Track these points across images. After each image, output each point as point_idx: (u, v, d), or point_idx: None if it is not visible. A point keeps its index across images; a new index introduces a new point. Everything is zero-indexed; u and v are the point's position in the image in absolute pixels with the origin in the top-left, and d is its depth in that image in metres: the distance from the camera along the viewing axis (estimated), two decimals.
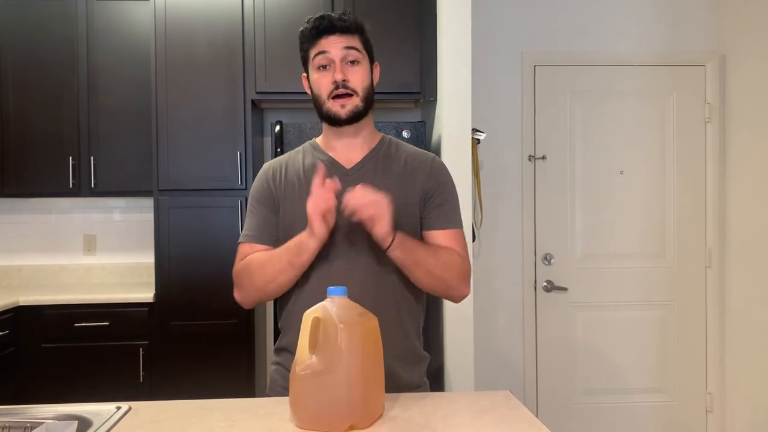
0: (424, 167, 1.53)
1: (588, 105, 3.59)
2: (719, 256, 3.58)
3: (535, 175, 3.57)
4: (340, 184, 1.35)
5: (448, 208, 1.53)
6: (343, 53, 1.44)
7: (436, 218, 1.51)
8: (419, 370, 1.54)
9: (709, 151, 3.60)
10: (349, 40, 1.45)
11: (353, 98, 1.45)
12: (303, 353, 1.18)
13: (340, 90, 1.44)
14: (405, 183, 1.50)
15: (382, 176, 1.49)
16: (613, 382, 3.58)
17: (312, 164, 1.52)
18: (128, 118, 3.37)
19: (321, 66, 1.46)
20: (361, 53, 1.47)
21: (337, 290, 1.20)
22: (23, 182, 3.35)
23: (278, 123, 3.05)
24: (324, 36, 1.45)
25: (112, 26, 3.37)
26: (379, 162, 1.52)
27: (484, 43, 3.49)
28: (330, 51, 1.44)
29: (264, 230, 1.53)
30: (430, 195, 1.51)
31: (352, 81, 1.45)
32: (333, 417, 1.16)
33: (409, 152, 1.57)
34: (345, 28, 1.45)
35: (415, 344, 1.53)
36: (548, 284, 3.56)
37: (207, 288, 3.16)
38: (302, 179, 1.51)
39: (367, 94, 1.48)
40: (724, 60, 3.58)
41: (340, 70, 1.44)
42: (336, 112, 1.46)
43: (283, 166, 1.56)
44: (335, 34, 1.45)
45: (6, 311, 2.96)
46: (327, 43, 1.45)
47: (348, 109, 1.45)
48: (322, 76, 1.46)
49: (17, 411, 1.29)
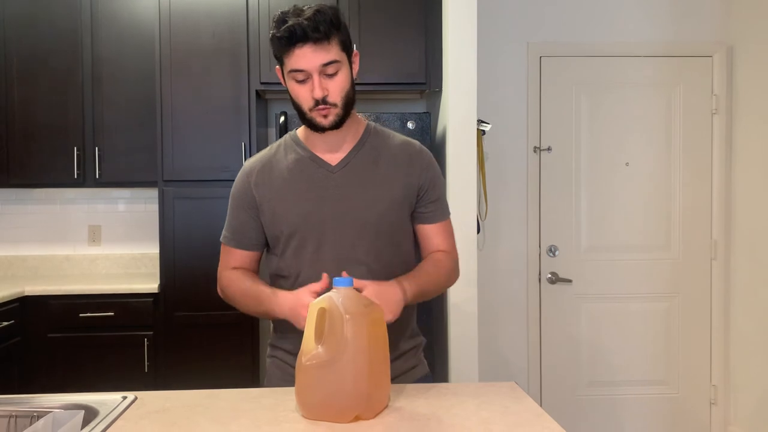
0: (415, 160, 1.51)
1: (594, 96, 3.57)
2: (725, 248, 3.57)
3: (540, 166, 3.56)
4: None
5: (440, 202, 1.55)
6: (320, 68, 1.36)
7: (431, 213, 1.53)
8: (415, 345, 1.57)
9: (716, 143, 3.58)
10: (327, 53, 1.35)
11: (334, 109, 1.40)
12: (309, 344, 1.18)
13: (320, 106, 1.38)
14: (395, 176, 1.48)
15: (370, 170, 1.47)
16: (617, 373, 3.58)
17: (295, 160, 1.49)
18: (133, 109, 3.37)
19: (298, 80, 1.38)
20: (339, 60, 1.38)
21: (343, 281, 1.21)
22: (28, 173, 3.36)
23: (283, 113, 3.05)
24: (298, 45, 1.34)
25: (117, 16, 3.36)
26: (365, 156, 1.49)
27: (490, 33, 3.47)
28: (306, 67, 1.35)
29: (243, 234, 1.53)
30: (424, 190, 1.51)
31: (332, 94, 1.38)
32: (339, 407, 1.16)
33: (395, 142, 1.53)
34: (318, 38, 1.34)
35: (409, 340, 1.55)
36: (553, 276, 3.55)
37: (212, 278, 3.12)
38: (286, 177, 1.48)
39: (348, 99, 1.42)
40: (731, 51, 3.55)
41: (319, 86, 1.36)
42: (319, 122, 1.41)
43: (265, 165, 1.51)
44: (309, 43, 1.34)
45: (11, 301, 2.97)
46: (302, 55, 1.34)
47: (330, 119, 1.40)
48: (301, 88, 1.39)
49: (24, 400, 1.30)
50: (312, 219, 1.44)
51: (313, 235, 1.45)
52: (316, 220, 1.44)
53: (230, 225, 1.55)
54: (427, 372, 1.58)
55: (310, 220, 1.45)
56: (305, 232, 1.45)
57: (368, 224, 1.45)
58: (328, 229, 1.44)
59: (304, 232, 1.45)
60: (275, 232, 1.48)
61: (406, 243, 1.54)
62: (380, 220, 1.45)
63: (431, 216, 1.53)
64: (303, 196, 1.46)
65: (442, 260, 1.52)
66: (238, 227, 1.53)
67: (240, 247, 1.54)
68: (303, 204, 1.45)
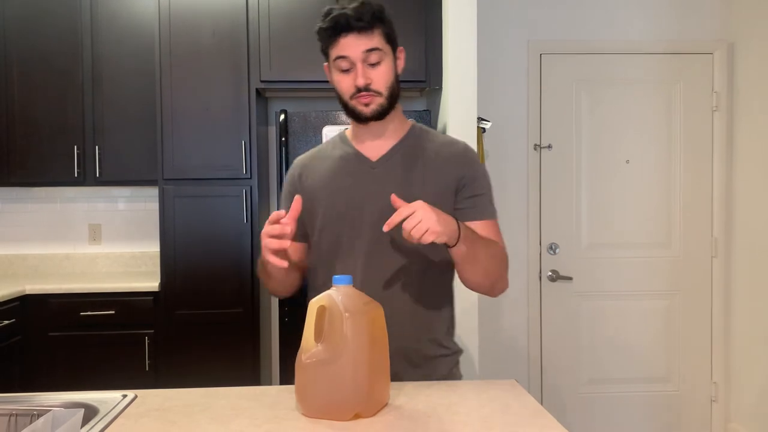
0: (457, 157, 1.50)
1: (594, 94, 3.57)
2: (725, 246, 3.57)
3: (540, 164, 3.56)
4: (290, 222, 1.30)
5: (482, 198, 1.49)
6: (363, 56, 1.38)
7: (471, 209, 1.47)
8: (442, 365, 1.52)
9: (716, 141, 3.57)
10: (370, 40, 1.38)
11: (377, 98, 1.42)
12: (309, 342, 1.18)
13: (363, 93, 1.40)
14: (436, 173, 1.47)
15: (411, 167, 1.47)
16: (617, 371, 3.58)
17: (339, 156, 1.52)
18: (133, 107, 3.36)
19: (342, 69, 1.41)
20: (383, 50, 1.41)
21: (342, 279, 1.20)
22: (29, 171, 3.35)
23: (283, 112, 3.04)
24: (342, 35, 1.38)
25: (116, 15, 3.36)
26: (406, 153, 1.49)
27: (490, 31, 3.46)
28: (350, 55, 1.38)
29: None
30: (463, 185, 1.47)
31: (375, 83, 1.40)
32: (338, 405, 1.16)
33: (439, 141, 1.53)
34: (363, 27, 1.37)
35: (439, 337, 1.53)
36: (553, 274, 3.55)
37: (212, 277, 3.16)
38: (329, 172, 1.51)
39: (392, 91, 1.44)
40: (732, 48, 3.55)
41: (362, 75, 1.39)
42: (361, 111, 1.43)
43: (311, 161, 1.57)
44: (353, 33, 1.37)
45: (12, 300, 2.97)
46: (346, 44, 1.38)
47: (372, 108, 1.42)
48: (344, 78, 1.42)
49: (24, 399, 1.30)
50: (350, 213, 1.46)
51: (348, 229, 1.46)
52: (353, 215, 1.46)
53: None
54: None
55: (347, 214, 1.46)
56: (341, 225, 1.47)
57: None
58: (363, 224, 1.45)
59: (340, 225, 1.47)
60: (314, 224, 1.50)
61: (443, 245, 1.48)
62: None
63: (470, 212, 1.47)
64: (342, 191, 1.48)
65: (494, 242, 1.45)
66: None
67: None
68: (342, 198, 1.47)
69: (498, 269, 1.45)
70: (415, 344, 1.48)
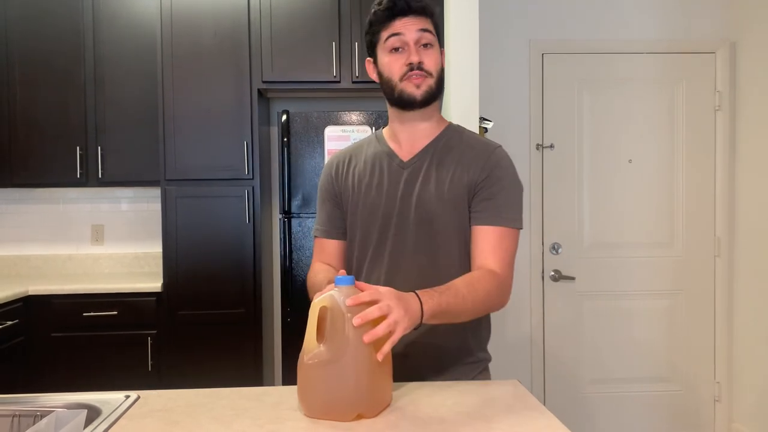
0: (480, 157, 1.44)
1: (596, 93, 3.56)
2: (728, 246, 3.56)
3: (542, 163, 3.55)
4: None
5: (496, 203, 1.41)
6: (417, 35, 1.40)
7: (481, 213, 1.41)
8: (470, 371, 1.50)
9: (719, 140, 3.57)
10: (424, 23, 1.41)
11: (428, 79, 1.41)
12: (311, 342, 1.18)
13: (416, 72, 1.40)
14: (458, 176, 1.43)
15: (438, 168, 1.45)
16: (620, 371, 3.58)
17: (374, 154, 1.52)
18: (135, 108, 3.37)
19: (394, 48, 1.41)
20: (434, 36, 1.43)
21: (344, 279, 1.20)
22: (31, 172, 3.36)
23: (285, 112, 3.05)
24: (398, 18, 1.40)
25: (118, 16, 3.36)
26: (435, 155, 1.47)
27: (492, 30, 3.46)
28: (405, 33, 1.40)
29: (331, 224, 1.56)
30: (479, 188, 1.42)
31: (427, 63, 1.41)
32: (341, 405, 1.16)
33: (470, 143, 1.49)
34: (419, 9, 1.41)
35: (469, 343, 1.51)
36: (556, 273, 3.55)
37: (215, 277, 3.17)
38: (362, 170, 1.51)
39: (440, 78, 1.44)
40: (734, 47, 3.54)
41: (416, 52, 1.40)
42: (411, 92, 1.41)
43: (347, 158, 1.56)
44: (409, 15, 1.40)
45: (15, 301, 2.98)
46: (401, 24, 1.40)
47: (423, 89, 1.41)
48: (395, 58, 1.42)
49: (27, 400, 1.30)
50: (378, 212, 1.47)
51: (377, 227, 1.46)
52: (381, 213, 1.46)
53: (319, 218, 1.58)
54: None
55: (376, 212, 1.47)
56: (371, 224, 1.47)
57: (425, 222, 1.43)
58: (391, 223, 1.45)
59: (370, 224, 1.47)
60: (353, 219, 1.51)
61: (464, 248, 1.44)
62: (437, 219, 1.42)
63: (480, 217, 1.41)
64: (374, 189, 1.48)
65: (480, 279, 1.33)
66: (326, 218, 1.56)
67: (330, 236, 1.55)
68: (373, 196, 1.48)
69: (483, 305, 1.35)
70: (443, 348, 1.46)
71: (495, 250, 1.39)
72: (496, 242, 1.40)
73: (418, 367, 1.44)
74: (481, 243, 1.40)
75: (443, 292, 1.25)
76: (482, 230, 1.41)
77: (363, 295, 1.14)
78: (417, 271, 1.43)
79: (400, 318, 1.13)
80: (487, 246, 1.40)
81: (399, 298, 1.16)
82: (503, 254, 1.40)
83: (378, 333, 1.11)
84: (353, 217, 1.51)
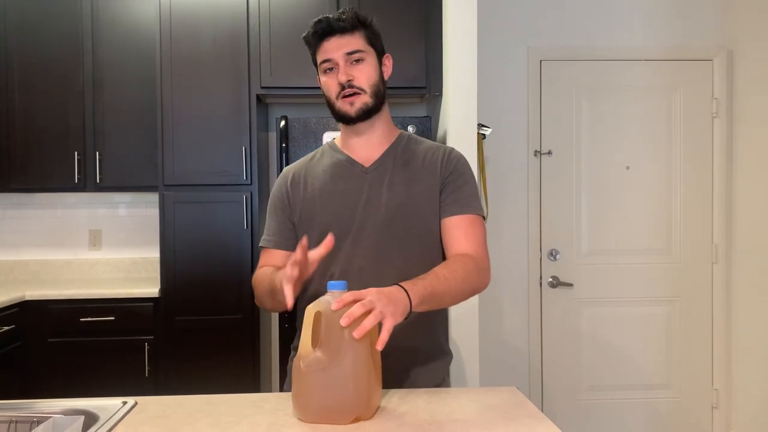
0: (441, 159, 1.52)
1: (594, 100, 3.57)
2: (725, 252, 3.57)
3: (540, 170, 3.56)
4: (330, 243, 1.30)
5: (462, 194, 1.49)
6: (345, 57, 1.45)
7: (451, 204, 1.49)
8: (443, 367, 1.55)
9: (716, 147, 3.58)
10: (350, 41, 1.45)
11: (361, 96, 1.46)
12: (306, 348, 1.18)
13: (347, 90, 1.45)
14: (424, 176, 1.50)
15: (401, 171, 1.50)
16: (618, 378, 3.58)
17: (331, 163, 1.54)
18: (133, 113, 3.37)
19: (328, 69, 1.48)
20: (364, 51, 1.46)
21: (337, 285, 1.22)
22: (29, 177, 3.36)
23: (283, 118, 3.05)
24: (325, 39, 1.46)
25: (117, 22, 3.37)
26: (397, 158, 1.53)
27: (490, 37, 3.47)
28: (332, 56, 1.45)
29: (281, 235, 1.55)
30: (446, 184, 1.50)
31: (358, 79, 1.45)
32: (340, 409, 1.16)
33: (427, 146, 1.57)
34: (344, 28, 1.45)
35: (440, 339, 1.57)
36: (554, 280, 3.55)
37: (212, 283, 3.16)
38: (321, 178, 1.53)
39: (377, 90, 1.48)
40: (731, 55, 3.56)
41: (344, 71, 1.45)
42: (345, 110, 1.47)
43: (302, 170, 1.57)
44: (335, 35, 1.45)
45: (12, 306, 2.97)
46: (329, 46, 1.46)
47: (357, 107, 1.46)
48: (329, 78, 1.48)
49: (24, 405, 1.30)
50: (344, 218, 1.47)
51: (345, 234, 1.46)
52: (348, 220, 1.47)
53: (269, 228, 1.58)
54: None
55: (342, 219, 1.47)
56: (337, 231, 1.45)
57: (397, 225, 1.46)
58: (359, 228, 1.46)
59: (337, 231, 1.45)
60: (308, 231, 1.49)
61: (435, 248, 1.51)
62: (409, 221, 1.47)
63: (451, 208, 1.48)
64: (336, 196, 1.49)
65: (460, 262, 1.41)
66: (277, 228, 1.56)
67: (279, 247, 1.55)
68: (336, 203, 1.49)
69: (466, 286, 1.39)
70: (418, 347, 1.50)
71: (468, 236, 1.47)
72: (468, 228, 1.47)
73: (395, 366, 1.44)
74: (454, 231, 1.47)
75: (425, 278, 1.30)
76: (453, 220, 1.48)
77: (345, 297, 1.16)
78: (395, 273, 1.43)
79: (384, 307, 1.15)
80: (459, 233, 1.47)
81: (380, 291, 1.18)
82: (476, 238, 1.47)
83: (366, 326, 1.13)
84: (318, 226, 1.48)
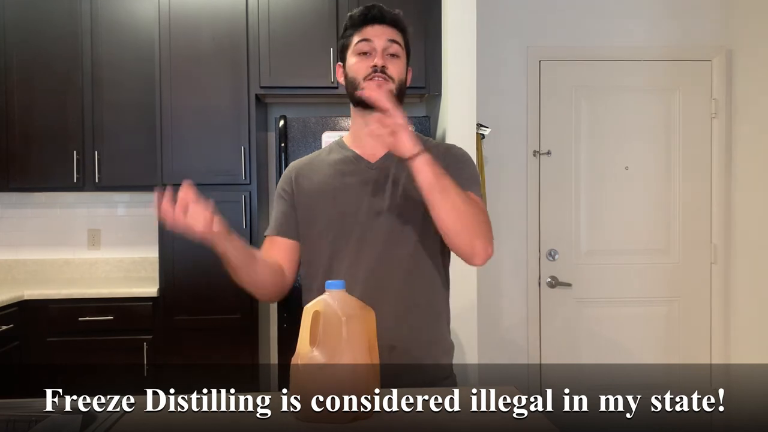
0: (444, 152, 1.54)
1: (593, 100, 3.57)
2: (724, 252, 3.57)
3: (539, 170, 3.56)
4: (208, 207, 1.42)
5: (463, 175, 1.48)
6: (386, 44, 1.47)
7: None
8: (448, 359, 1.60)
9: (715, 147, 3.58)
10: (395, 34, 1.48)
11: (389, 83, 1.47)
12: (304, 347, 1.18)
13: (379, 74, 1.46)
14: None
15: (405, 168, 1.48)
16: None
17: (337, 159, 1.55)
18: (132, 112, 3.37)
19: (362, 53, 1.48)
20: (402, 50, 1.50)
21: (335, 284, 1.22)
22: (28, 177, 3.36)
23: (282, 117, 3.05)
24: (371, 24, 1.48)
25: (116, 20, 3.37)
26: None
27: (489, 37, 3.47)
28: (374, 40, 1.47)
29: (285, 223, 1.56)
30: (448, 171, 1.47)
31: (391, 69, 1.47)
32: (339, 408, 1.16)
33: (431, 144, 1.58)
34: (393, 20, 1.48)
35: (445, 331, 1.60)
36: (552, 280, 3.55)
37: (211, 282, 3.16)
38: (326, 173, 1.54)
39: (400, 88, 1.50)
40: (730, 55, 3.56)
41: (382, 58, 1.46)
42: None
43: (309, 164, 1.59)
44: (383, 24, 1.48)
45: (11, 305, 2.97)
46: (373, 31, 1.47)
47: (383, 89, 1.44)
48: (361, 60, 1.48)
49: (22, 405, 1.30)
50: (349, 213, 1.48)
51: (350, 228, 1.48)
52: (353, 214, 1.48)
53: (274, 218, 1.60)
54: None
55: (347, 213, 1.48)
56: (342, 225, 1.49)
57: (404, 218, 1.47)
58: (364, 222, 1.47)
59: (342, 225, 1.49)
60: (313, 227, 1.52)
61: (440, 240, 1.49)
62: (413, 214, 1.47)
63: None
64: (342, 191, 1.51)
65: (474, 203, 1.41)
66: (281, 217, 1.57)
67: (280, 234, 1.56)
68: (343, 198, 1.50)
69: (473, 217, 1.38)
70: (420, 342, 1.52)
71: None
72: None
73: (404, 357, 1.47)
74: None
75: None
76: None
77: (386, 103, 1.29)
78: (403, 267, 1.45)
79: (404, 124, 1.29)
80: None
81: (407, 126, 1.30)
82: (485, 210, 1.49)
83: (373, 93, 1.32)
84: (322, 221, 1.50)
